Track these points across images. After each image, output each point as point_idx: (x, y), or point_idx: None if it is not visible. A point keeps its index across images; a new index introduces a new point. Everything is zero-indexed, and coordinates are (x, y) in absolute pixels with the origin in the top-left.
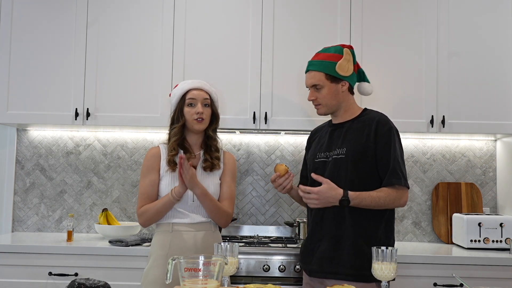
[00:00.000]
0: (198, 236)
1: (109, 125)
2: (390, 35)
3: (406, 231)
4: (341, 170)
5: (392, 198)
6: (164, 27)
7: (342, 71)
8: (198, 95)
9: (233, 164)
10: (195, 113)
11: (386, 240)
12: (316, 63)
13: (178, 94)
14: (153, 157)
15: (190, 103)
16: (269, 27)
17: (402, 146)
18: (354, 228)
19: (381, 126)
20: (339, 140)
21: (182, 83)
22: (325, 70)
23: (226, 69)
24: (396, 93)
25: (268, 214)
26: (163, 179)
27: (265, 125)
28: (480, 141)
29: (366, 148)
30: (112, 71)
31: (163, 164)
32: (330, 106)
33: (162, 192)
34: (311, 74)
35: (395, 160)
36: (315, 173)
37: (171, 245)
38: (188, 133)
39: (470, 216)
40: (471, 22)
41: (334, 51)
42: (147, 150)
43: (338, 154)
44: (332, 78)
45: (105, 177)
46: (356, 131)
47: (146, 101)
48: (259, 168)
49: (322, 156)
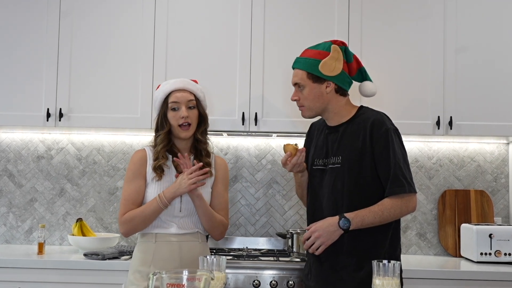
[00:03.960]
0: (184, 247)
1: (84, 126)
2: (392, 30)
3: (410, 243)
4: (338, 181)
5: (398, 208)
6: (144, 20)
7: (327, 70)
8: (181, 97)
9: (225, 170)
10: (179, 118)
11: (392, 250)
12: (301, 60)
13: (160, 97)
14: (140, 161)
15: (174, 107)
16: (259, 19)
17: (403, 146)
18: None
19: (377, 128)
20: (334, 146)
21: (163, 85)
22: (308, 68)
23: (212, 65)
24: (398, 92)
25: (259, 224)
26: (149, 187)
27: (255, 126)
28: (491, 145)
29: (362, 155)
30: (88, 67)
31: (150, 169)
32: (313, 109)
33: (148, 199)
34: (294, 72)
35: (396, 165)
36: (313, 182)
37: (154, 257)
38: (175, 137)
39: (480, 227)
40: (482, 14)
41: (322, 47)
42: (125, 154)
43: (334, 163)
44: (314, 77)
45: (79, 184)
46: (351, 136)
47: (125, 100)
48: (249, 174)
49: (320, 164)
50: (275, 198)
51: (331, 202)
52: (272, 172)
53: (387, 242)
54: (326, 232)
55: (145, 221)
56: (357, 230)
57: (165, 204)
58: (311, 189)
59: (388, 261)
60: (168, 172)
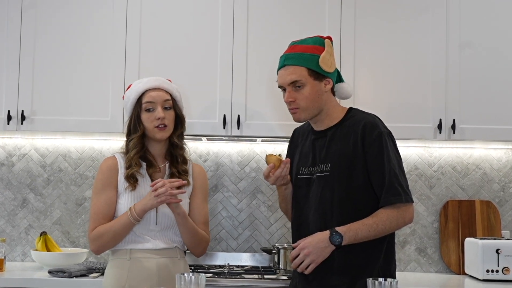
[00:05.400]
0: (162, 264)
1: (49, 130)
2: (390, 24)
3: (408, 259)
4: (326, 191)
5: (394, 220)
6: (115, 14)
7: (326, 65)
8: (156, 96)
9: (204, 179)
10: (155, 119)
11: (386, 266)
12: (295, 56)
13: (132, 98)
14: (110, 171)
15: (148, 108)
16: (243, 10)
17: (398, 151)
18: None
19: (369, 132)
20: (322, 152)
21: (135, 84)
22: (307, 64)
23: (190, 62)
24: (395, 93)
25: (242, 238)
26: (122, 198)
27: (238, 130)
28: (498, 150)
29: (354, 161)
30: (53, 65)
31: (121, 178)
32: (311, 110)
33: (121, 212)
34: (289, 69)
35: (390, 172)
36: (298, 193)
37: (129, 275)
38: (149, 142)
39: (486, 241)
40: (488, 6)
41: (313, 42)
42: (94, 161)
43: (322, 172)
44: (315, 74)
45: (43, 194)
46: (341, 140)
47: (93, 102)
48: (231, 183)
49: (306, 172)
50: (260, 210)
51: (318, 215)
52: (257, 181)
53: (381, 258)
54: (316, 248)
55: (115, 238)
56: (348, 245)
57: (136, 218)
58: (296, 201)
59: (385, 279)
60: (143, 181)
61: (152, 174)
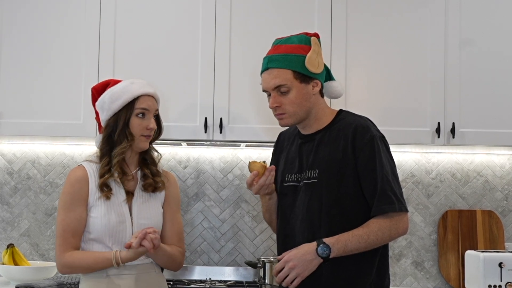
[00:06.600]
0: (140, 280)
1: (16, 134)
2: (384, 20)
3: (404, 274)
4: (314, 200)
5: (386, 230)
6: (88, 10)
7: (313, 66)
8: (152, 105)
9: (176, 187)
10: (145, 128)
11: (379, 281)
12: (279, 58)
13: (124, 98)
14: (79, 183)
15: (141, 113)
16: (225, 6)
17: (391, 156)
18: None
19: (360, 135)
20: (309, 157)
21: (127, 84)
22: (293, 66)
23: (169, 62)
24: (390, 94)
25: (224, 251)
26: (94, 210)
27: (220, 135)
28: (501, 156)
29: (343, 167)
30: (21, 65)
31: (93, 189)
32: (298, 115)
33: (94, 225)
34: (273, 72)
35: (383, 179)
36: (284, 201)
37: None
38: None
39: (488, 254)
40: (490, 1)
41: (299, 41)
42: (65, 167)
43: (309, 178)
44: (301, 77)
45: (10, 203)
46: (330, 145)
47: (64, 104)
48: (213, 191)
49: (292, 179)
50: (244, 220)
51: (305, 225)
52: (241, 189)
53: (373, 272)
54: (302, 261)
55: (88, 270)
56: (338, 257)
57: (119, 264)
58: (281, 210)
59: None
60: (117, 190)
61: (124, 182)
